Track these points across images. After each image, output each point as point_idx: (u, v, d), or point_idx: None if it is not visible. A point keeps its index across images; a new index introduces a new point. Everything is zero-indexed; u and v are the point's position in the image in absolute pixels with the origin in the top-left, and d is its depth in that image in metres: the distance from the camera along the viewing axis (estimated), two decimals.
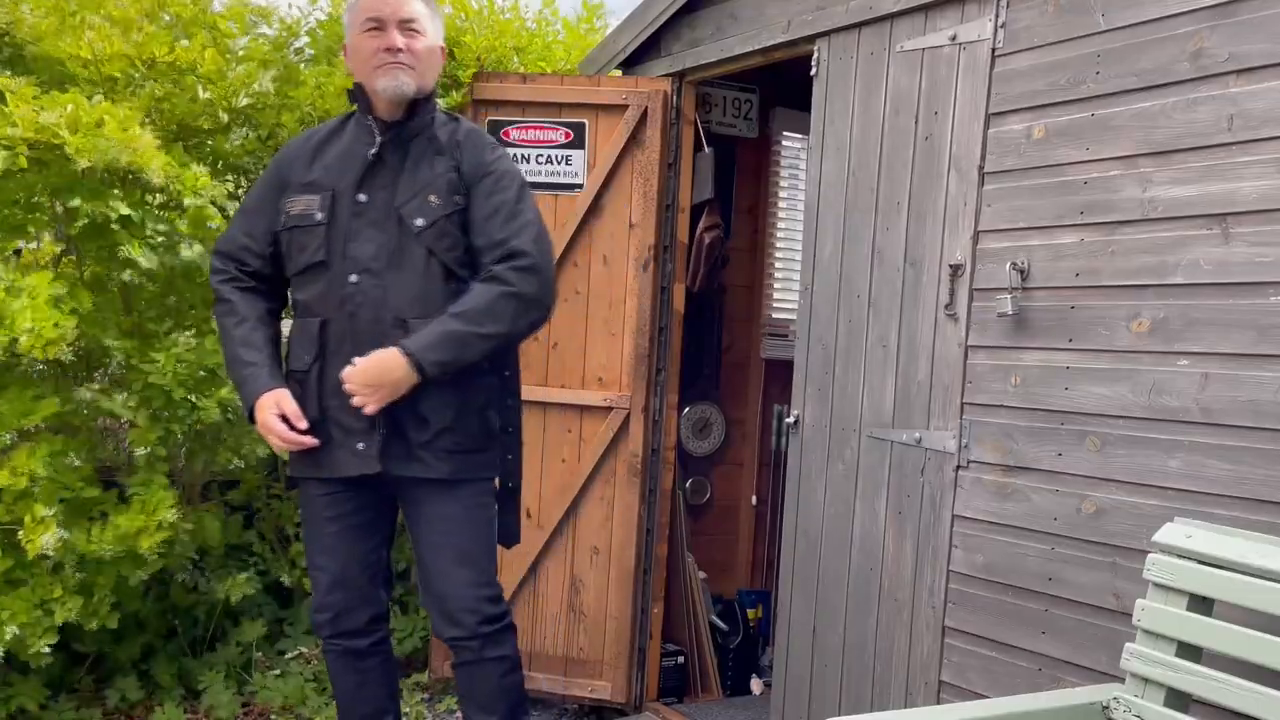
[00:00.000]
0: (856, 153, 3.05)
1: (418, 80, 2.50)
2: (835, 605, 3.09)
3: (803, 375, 3.22)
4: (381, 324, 2.46)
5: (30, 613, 2.93)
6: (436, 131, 2.55)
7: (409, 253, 2.48)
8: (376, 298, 2.47)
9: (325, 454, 2.52)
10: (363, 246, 2.48)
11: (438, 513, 2.55)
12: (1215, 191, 2.22)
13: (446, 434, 2.49)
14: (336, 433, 2.50)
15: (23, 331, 2.78)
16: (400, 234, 2.48)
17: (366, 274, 2.48)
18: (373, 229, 2.49)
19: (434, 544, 2.57)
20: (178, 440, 3.24)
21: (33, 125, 2.81)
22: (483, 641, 2.56)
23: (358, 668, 2.68)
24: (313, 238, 2.51)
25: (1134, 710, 2.11)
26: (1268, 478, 2.12)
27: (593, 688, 3.78)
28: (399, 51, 2.46)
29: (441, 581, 2.56)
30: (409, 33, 2.49)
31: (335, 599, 2.63)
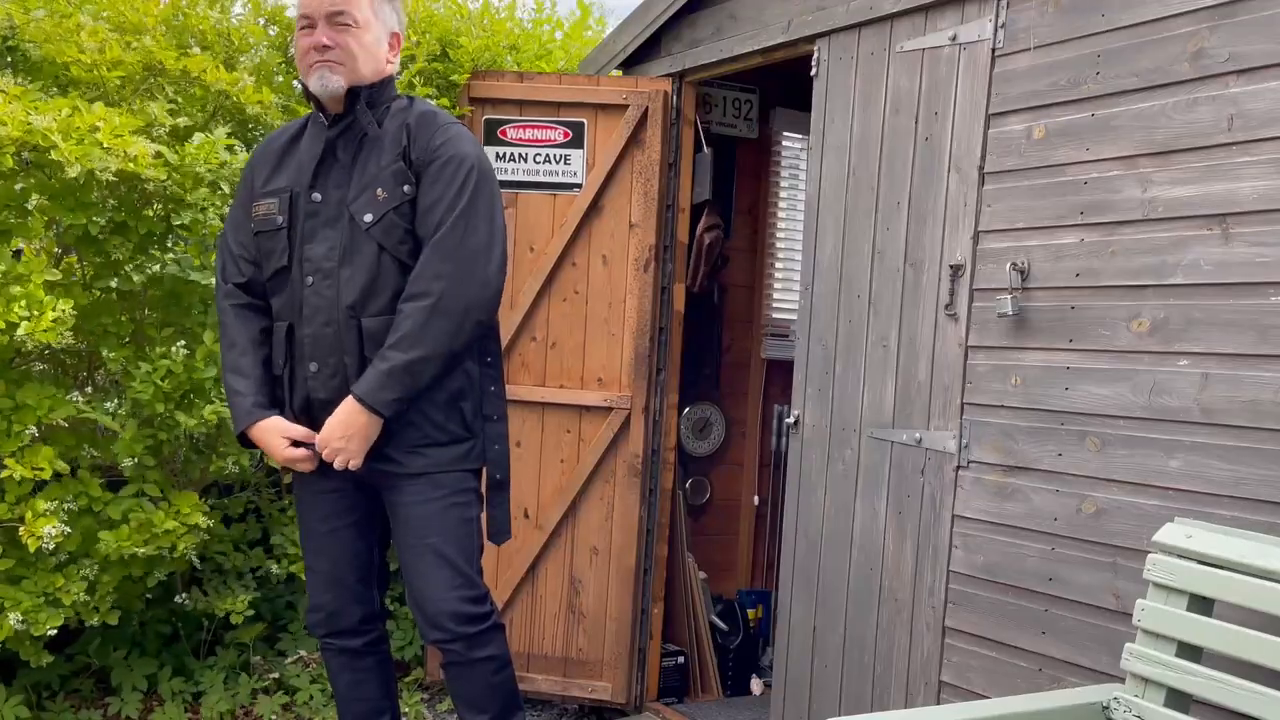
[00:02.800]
0: (856, 153, 3.05)
1: (348, 76, 2.42)
2: (835, 605, 3.09)
3: (803, 375, 3.22)
4: (334, 324, 2.44)
5: (33, 600, 2.94)
6: (388, 121, 2.48)
7: (360, 249, 2.42)
8: (330, 298, 2.44)
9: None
10: (316, 247, 2.45)
11: (414, 513, 2.51)
12: (1215, 191, 2.22)
13: (410, 430, 2.45)
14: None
15: (19, 318, 2.78)
16: (352, 231, 2.43)
17: (319, 275, 2.45)
18: (327, 228, 2.45)
19: (411, 545, 2.53)
20: (171, 447, 3.24)
21: (22, 126, 2.80)
22: (467, 643, 2.52)
23: (353, 667, 2.68)
24: (276, 242, 2.49)
25: (1134, 710, 2.11)
26: (1268, 478, 2.12)
27: (592, 688, 3.78)
28: (326, 49, 2.40)
29: (420, 583, 2.52)
30: (338, 26, 2.41)
31: (328, 599, 2.63)
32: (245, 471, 3.44)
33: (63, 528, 2.89)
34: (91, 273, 3.22)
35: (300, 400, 2.51)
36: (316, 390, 2.47)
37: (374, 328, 2.43)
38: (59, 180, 2.99)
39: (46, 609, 2.96)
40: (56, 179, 3.00)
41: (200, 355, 3.15)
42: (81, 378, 3.44)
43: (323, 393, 2.47)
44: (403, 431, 2.45)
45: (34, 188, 3.04)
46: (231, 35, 3.68)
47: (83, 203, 3.02)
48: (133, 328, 3.30)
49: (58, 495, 2.99)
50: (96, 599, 3.09)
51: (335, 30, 2.41)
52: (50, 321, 2.80)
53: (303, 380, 2.49)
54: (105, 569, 3.08)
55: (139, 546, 3.01)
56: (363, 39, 2.44)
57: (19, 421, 2.91)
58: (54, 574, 3.02)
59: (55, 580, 3.00)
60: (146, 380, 3.07)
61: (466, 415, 2.53)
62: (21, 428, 2.90)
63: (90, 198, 3.03)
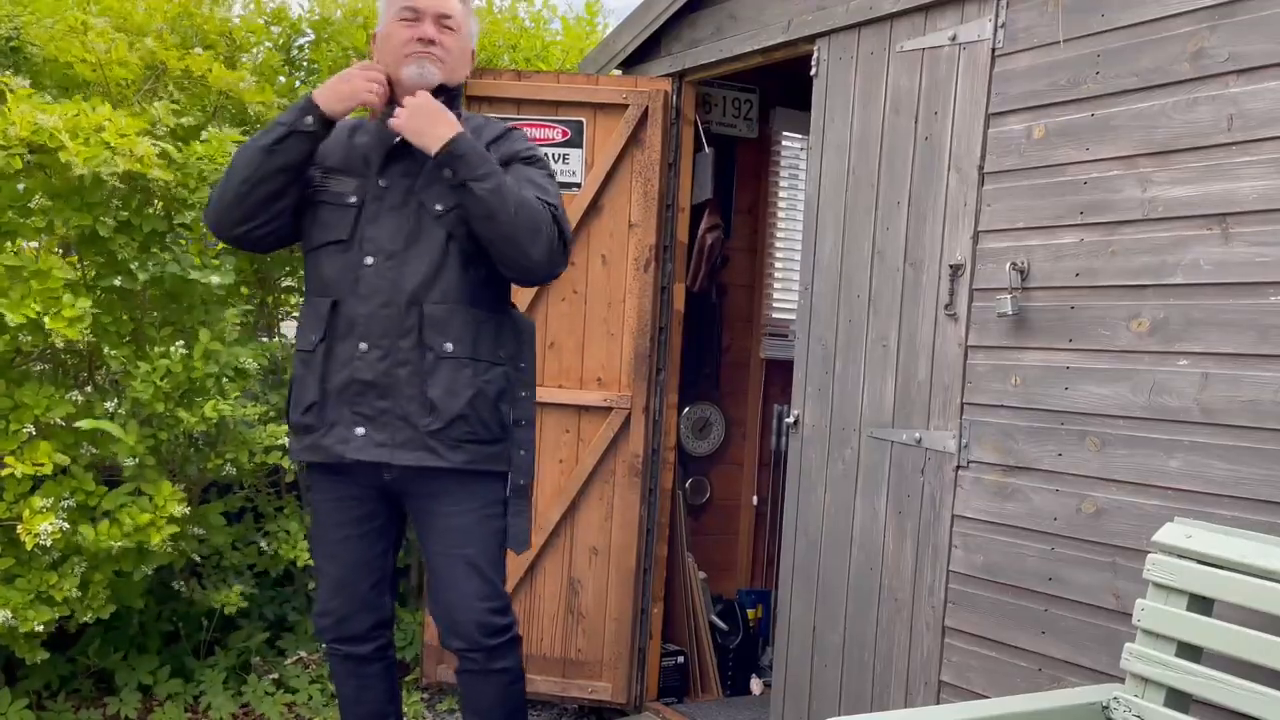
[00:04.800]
0: (856, 152, 3.05)
1: (445, 74, 2.50)
2: (835, 605, 3.08)
3: (803, 375, 3.22)
4: (394, 307, 2.43)
5: (24, 597, 2.94)
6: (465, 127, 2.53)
7: (427, 236, 2.45)
8: (391, 280, 2.44)
9: (325, 437, 2.48)
10: (380, 229, 2.46)
11: (452, 524, 2.51)
12: (1215, 191, 2.22)
13: (459, 422, 2.44)
14: (338, 416, 2.47)
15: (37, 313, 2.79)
16: (419, 217, 2.45)
17: (381, 255, 2.45)
18: (392, 213, 2.47)
19: (444, 554, 2.53)
20: (170, 446, 3.24)
21: (30, 126, 2.81)
22: (487, 654, 2.54)
23: (359, 672, 2.67)
24: (341, 218, 2.48)
25: (1134, 710, 2.11)
26: (1268, 478, 2.12)
27: (592, 688, 3.78)
28: (432, 44, 2.47)
29: (450, 593, 2.53)
30: (444, 28, 2.49)
31: (337, 604, 2.61)
32: (243, 471, 3.44)
33: (60, 524, 2.89)
34: (93, 272, 3.22)
35: (342, 380, 2.45)
36: (363, 371, 2.43)
37: (436, 314, 2.43)
38: (63, 180, 2.99)
39: (37, 605, 2.96)
40: (60, 178, 3.00)
41: (198, 354, 3.15)
42: (82, 377, 3.44)
43: (369, 374, 2.43)
44: (451, 424, 2.44)
45: (38, 187, 3.04)
46: (234, 34, 3.68)
47: (89, 202, 3.02)
48: (133, 327, 3.30)
49: (54, 493, 2.99)
50: (89, 596, 3.09)
51: (441, 31, 2.49)
52: (72, 316, 2.80)
53: (346, 359, 2.44)
54: (95, 566, 3.08)
55: (117, 540, 3.00)
56: (461, 44, 2.55)
57: (16, 420, 2.91)
58: (48, 572, 3.02)
59: (49, 578, 3.00)
60: (146, 380, 3.07)
61: (505, 417, 2.55)
62: (19, 426, 2.90)
63: (97, 197, 3.03)
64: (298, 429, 2.54)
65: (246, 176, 2.44)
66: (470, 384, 2.45)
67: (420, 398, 2.43)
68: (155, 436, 3.16)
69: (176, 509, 3.09)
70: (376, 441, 2.44)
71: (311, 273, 2.56)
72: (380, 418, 2.44)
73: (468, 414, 2.45)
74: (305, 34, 3.94)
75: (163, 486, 3.12)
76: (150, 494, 3.15)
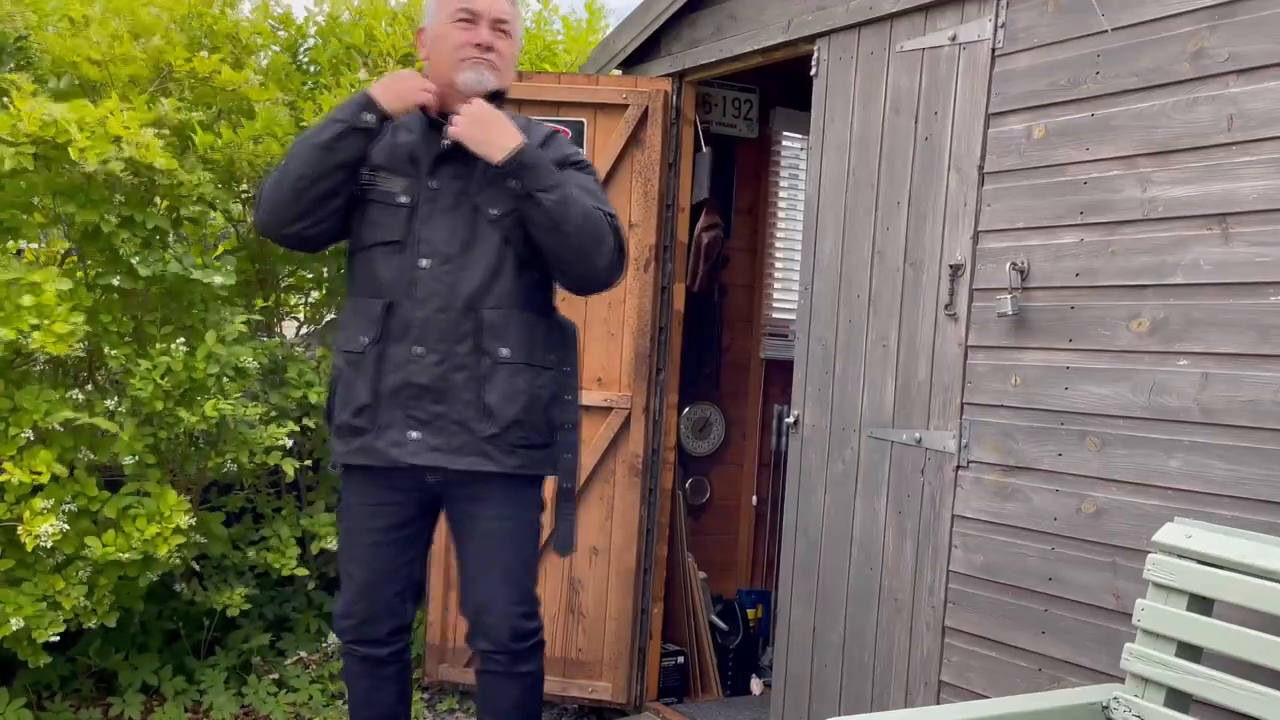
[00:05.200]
0: (856, 152, 3.05)
1: (499, 79, 2.49)
2: (835, 605, 3.08)
3: (803, 375, 3.22)
4: (451, 311, 2.42)
5: (35, 605, 2.94)
6: None
7: (484, 239, 2.44)
8: (448, 284, 2.43)
9: (378, 440, 2.46)
10: (436, 231, 2.45)
11: (495, 529, 2.51)
12: (1215, 191, 2.22)
13: (515, 427, 2.45)
14: (391, 419, 2.45)
15: (30, 326, 2.79)
16: (474, 221, 2.44)
17: (437, 258, 2.44)
18: (444, 215, 2.45)
19: (481, 558, 2.53)
20: (170, 445, 3.24)
21: (38, 121, 2.81)
22: (512, 657, 2.54)
23: (373, 674, 2.66)
24: (392, 217, 2.47)
25: (1134, 710, 2.11)
26: (1268, 478, 2.12)
27: (592, 688, 3.78)
28: (489, 49, 2.46)
29: (484, 595, 2.53)
30: (499, 33, 2.48)
31: (361, 607, 2.59)
32: (244, 470, 3.44)
33: (60, 525, 2.89)
34: (95, 271, 3.22)
35: (395, 383, 2.43)
36: (418, 375, 2.42)
37: (493, 319, 2.43)
38: (67, 177, 3.00)
39: (48, 614, 2.96)
40: (64, 175, 3.00)
41: (201, 354, 3.15)
42: (82, 377, 3.45)
43: (425, 378, 2.42)
44: (508, 430, 2.44)
45: (41, 184, 3.04)
46: (241, 35, 3.68)
47: (93, 199, 3.02)
48: (133, 325, 3.30)
49: (55, 495, 2.99)
50: (95, 601, 3.09)
51: (496, 35, 2.48)
52: (62, 332, 2.80)
53: (401, 362, 2.43)
54: (100, 571, 3.08)
55: (124, 551, 3.01)
56: (514, 50, 2.56)
57: (15, 424, 2.91)
58: (53, 575, 3.02)
59: (55, 582, 3.00)
60: (146, 378, 3.07)
61: (554, 420, 2.55)
62: (18, 431, 2.90)
63: (100, 193, 3.03)
64: (345, 431, 2.50)
65: (303, 174, 2.41)
66: (526, 389, 2.46)
67: (477, 403, 2.43)
68: (155, 435, 3.16)
69: (183, 519, 3.10)
70: (431, 445, 2.43)
71: (360, 272, 2.53)
72: (435, 422, 2.43)
73: (523, 419, 2.46)
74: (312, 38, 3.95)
75: (168, 495, 3.13)
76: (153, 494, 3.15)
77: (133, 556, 3.02)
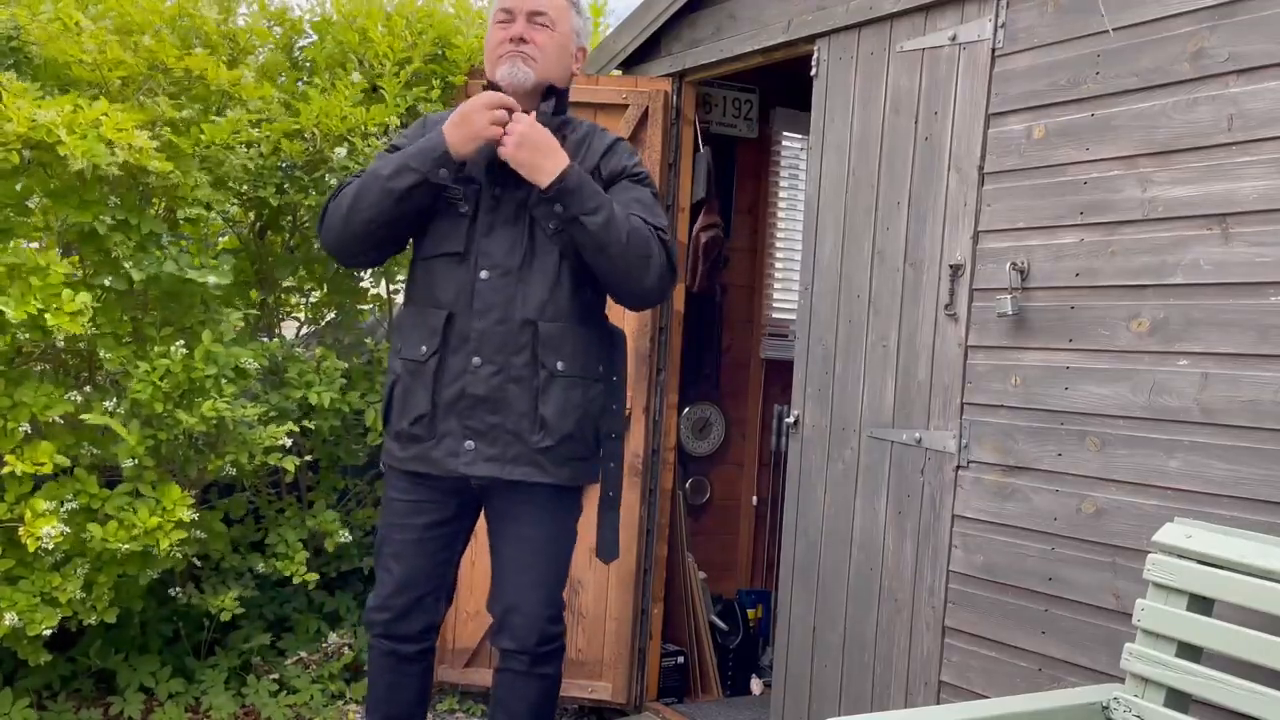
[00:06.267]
0: (856, 152, 3.05)
1: (538, 72, 2.47)
2: (835, 605, 3.09)
3: (803, 375, 3.22)
4: (509, 324, 2.42)
5: (30, 600, 2.94)
6: (570, 134, 2.53)
7: (542, 253, 2.44)
8: (507, 296, 2.43)
9: (435, 449, 2.48)
10: (497, 243, 2.45)
11: (535, 533, 2.52)
12: (1215, 191, 2.22)
13: (568, 440, 2.46)
14: (448, 428, 2.46)
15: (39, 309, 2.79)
16: (534, 235, 2.44)
17: (497, 271, 2.44)
18: (506, 226, 2.45)
19: (517, 561, 2.54)
20: (170, 447, 3.24)
21: (27, 122, 2.81)
22: (534, 659, 2.55)
23: (397, 670, 2.66)
24: (455, 227, 2.47)
25: (1134, 710, 2.11)
26: (1268, 478, 2.12)
27: (592, 688, 3.78)
28: (522, 42, 2.46)
29: (516, 597, 2.54)
30: (536, 25, 2.47)
31: (396, 603, 2.60)
32: (244, 472, 3.44)
33: (62, 528, 2.90)
34: (92, 271, 3.22)
35: (453, 393, 2.44)
36: (475, 386, 2.43)
37: (551, 332, 2.43)
38: (61, 178, 2.99)
39: (43, 608, 2.96)
40: (58, 176, 3.00)
41: (199, 355, 3.15)
42: (82, 377, 3.44)
43: (481, 389, 2.43)
44: (562, 443, 2.45)
45: (35, 184, 3.04)
46: (237, 36, 3.68)
47: (86, 201, 3.02)
48: (131, 327, 3.30)
49: (56, 495, 2.99)
50: (93, 598, 3.09)
51: (533, 28, 2.48)
52: (73, 309, 2.81)
53: (459, 372, 2.44)
54: (100, 567, 3.08)
55: (125, 542, 3.01)
56: (558, 41, 2.52)
57: (13, 419, 2.91)
58: (51, 573, 3.02)
59: (52, 579, 3.00)
60: (145, 380, 3.07)
61: (601, 431, 2.56)
62: (15, 424, 2.90)
63: (95, 195, 3.03)
64: (404, 438, 2.51)
65: (372, 218, 2.43)
66: (580, 403, 2.47)
67: (531, 414, 2.44)
68: (155, 437, 3.16)
69: (185, 514, 3.10)
70: (487, 456, 2.44)
71: (422, 281, 2.53)
72: (490, 432, 2.44)
73: (574, 433, 2.47)
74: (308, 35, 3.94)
75: (172, 490, 3.13)
76: (150, 495, 3.15)
77: (133, 548, 3.01)
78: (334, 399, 3.59)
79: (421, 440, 2.49)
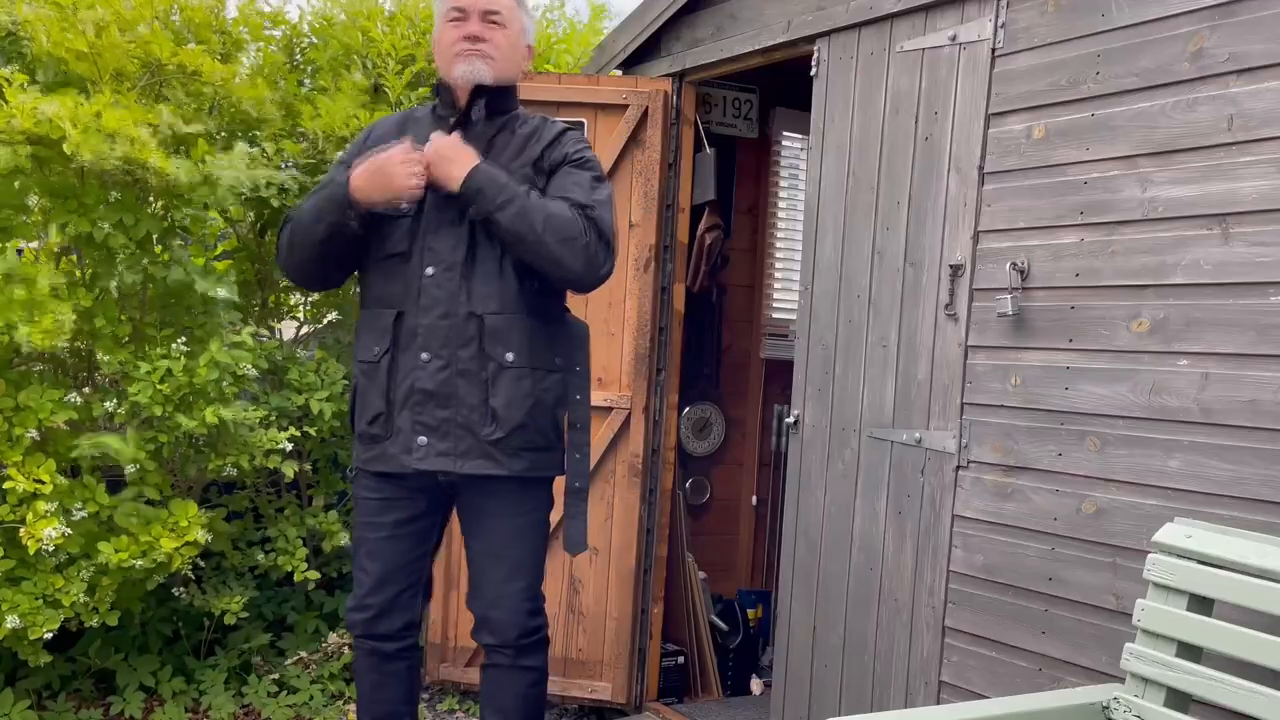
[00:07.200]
0: (856, 153, 3.05)
1: (495, 70, 2.49)
2: (835, 605, 3.08)
3: (803, 375, 3.22)
4: (454, 318, 2.44)
5: (32, 602, 2.94)
6: (519, 129, 2.55)
7: (484, 248, 2.46)
8: (450, 291, 2.45)
9: (392, 446, 2.50)
10: (441, 240, 2.47)
11: (502, 525, 2.54)
12: (1215, 191, 2.22)
13: (519, 431, 2.47)
14: (403, 424, 2.48)
15: (19, 320, 2.79)
16: (475, 229, 2.46)
17: (441, 266, 2.46)
18: (449, 224, 2.47)
19: (490, 554, 2.56)
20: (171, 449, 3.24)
21: (32, 117, 2.80)
22: (517, 651, 2.57)
23: (381, 669, 2.68)
24: (397, 227, 2.49)
25: (1134, 710, 2.11)
26: (1268, 478, 2.12)
27: (592, 688, 3.78)
28: (479, 40, 2.47)
29: (493, 591, 2.56)
30: (490, 24, 2.49)
31: (374, 601, 2.62)
32: (244, 473, 3.44)
33: (63, 529, 2.89)
34: (92, 271, 3.22)
35: (404, 390, 2.47)
36: (424, 381, 2.45)
37: (497, 325, 2.45)
38: (61, 176, 2.99)
39: (45, 610, 2.96)
40: (58, 175, 2.99)
41: (204, 360, 3.14)
42: (81, 378, 3.44)
43: (430, 384, 2.45)
44: (512, 434, 2.46)
45: (35, 184, 3.03)
46: (230, 30, 3.67)
47: (86, 202, 3.02)
48: (131, 329, 3.30)
49: (60, 499, 2.98)
50: (96, 600, 3.09)
51: (488, 26, 2.49)
52: (49, 326, 2.80)
53: (409, 369, 2.47)
54: (105, 573, 3.08)
55: (136, 559, 3.01)
56: (510, 39, 2.54)
57: (19, 424, 2.91)
58: (54, 575, 3.02)
59: (55, 581, 3.00)
60: (145, 382, 3.07)
61: (560, 422, 2.57)
62: (22, 431, 2.90)
63: (94, 197, 3.03)
64: (365, 439, 2.55)
65: (309, 257, 2.55)
66: (530, 393, 2.48)
67: (482, 407, 2.45)
68: (156, 440, 3.16)
69: (200, 535, 3.11)
70: (439, 450, 2.46)
71: (373, 283, 2.57)
72: (442, 426, 2.46)
73: (527, 423, 2.48)
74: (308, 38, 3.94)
75: (189, 508, 3.14)
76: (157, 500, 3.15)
77: (146, 565, 3.04)
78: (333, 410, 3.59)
79: (380, 439, 2.52)
